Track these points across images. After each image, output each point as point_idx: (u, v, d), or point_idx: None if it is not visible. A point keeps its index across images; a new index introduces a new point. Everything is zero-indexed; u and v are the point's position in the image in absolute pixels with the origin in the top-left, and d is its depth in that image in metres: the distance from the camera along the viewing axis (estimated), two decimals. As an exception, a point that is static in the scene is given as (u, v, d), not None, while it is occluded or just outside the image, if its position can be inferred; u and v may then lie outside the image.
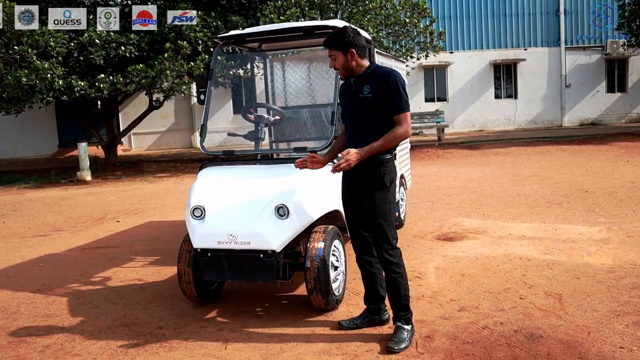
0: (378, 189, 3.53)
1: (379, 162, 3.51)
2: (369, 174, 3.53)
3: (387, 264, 3.57)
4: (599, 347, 3.34)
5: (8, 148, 22.03)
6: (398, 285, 3.57)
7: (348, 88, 3.67)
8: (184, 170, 15.75)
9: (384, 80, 3.46)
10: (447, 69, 23.51)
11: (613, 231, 6.09)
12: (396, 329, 3.59)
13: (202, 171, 4.48)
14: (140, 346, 3.76)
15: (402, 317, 3.60)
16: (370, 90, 3.49)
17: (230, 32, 5.06)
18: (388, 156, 3.54)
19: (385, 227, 3.54)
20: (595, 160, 12.54)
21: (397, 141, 3.47)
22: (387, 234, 3.54)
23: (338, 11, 14.71)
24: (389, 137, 3.42)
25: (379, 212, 3.53)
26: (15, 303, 4.84)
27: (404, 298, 3.60)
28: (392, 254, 3.56)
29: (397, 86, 3.44)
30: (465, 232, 6.46)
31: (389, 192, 3.55)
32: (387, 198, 3.55)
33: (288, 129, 6.37)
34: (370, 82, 3.51)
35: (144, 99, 19.17)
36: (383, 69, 3.56)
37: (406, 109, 3.47)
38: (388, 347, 3.46)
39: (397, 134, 3.43)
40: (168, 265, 5.75)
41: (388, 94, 3.44)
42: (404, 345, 3.47)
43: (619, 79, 24.24)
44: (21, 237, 7.69)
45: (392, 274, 3.57)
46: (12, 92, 12.63)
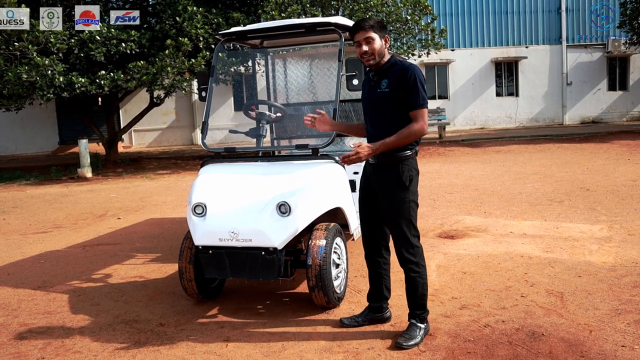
0: (396, 188, 3.45)
1: (397, 160, 3.43)
2: (387, 172, 3.47)
3: (406, 262, 3.54)
4: (601, 346, 3.34)
5: (8, 145, 22.03)
6: (416, 285, 3.55)
7: (368, 82, 3.62)
8: (184, 167, 15.75)
9: (402, 75, 3.38)
10: (449, 66, 23.49)
11: (614, 229, 6.08)
12: (409, 326, 3.58)
13: (203, 168, 4.47)
14: (141, 343, 3.75)
15: (417, 315, 3.59)
16: (387, 85, 3.41)
17: (231, 28, 5.04)
18: (408, 152, 3.45)
19: (404, 227, 3.48)
20: (596, 158, 12.52)
21: (411, 138, 3.37)
22: (407, 233, 3.49)
23: (339, 8, 14.69)
24: (403, 133, 3.34)
25: (397, 212, 3.47)
26: (16, 300, 4.83)
27: (421, 297, 3.57)
28: (411, 252, 3.52)
29: (415, 81, 3.35)
30: (466, 229, 6.45)
31: (408, 191, 3.46)
32: (406, 198, 3.46)
33: (289, 126, 6.36)
34: (388, 76, 3.44)
35: (145, 95, 19.18)
36: (402, 63, 3.46)
37: (423, 105, 3.39)
38: (397, 343, 3.45)
39: (412, 130, 3.35)
40: (169, 262, 5.75)
41: (405, 89, 3.36)
42: (413, 342, 3.45)
43: (620, 77, 24.22)
44: (22, 234, 7.68)
45: (411, 272, 3.54)
46: (13, 89, 12.61)
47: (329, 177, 4.25)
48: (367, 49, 3.42)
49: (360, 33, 3.42)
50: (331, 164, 4.31)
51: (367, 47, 3.42)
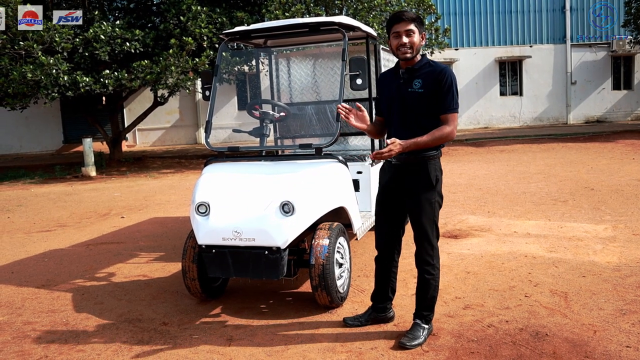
0: (424, 189, 3.43)
1: (425, 159, 3.41)
2: (415, 172, 3.43)
3: (423, 264, 3.52)
4: (605, 346, 3.33)
5: (13, 143, 22.10)
6: (429, 286, 3.54)
7: (392, 79, 3.54)
8: (188, 166, 15.76)
9: (438, 77, 3.34)
10: (452, 65, 23.44)
11: (619, 229, 6.06)
12: (413, 325, 3.57)
13: (207, 167, 4.47)
14: (145, 342, 3.76)
15: (424, 316, 3.58)
16: (421, 86, 3.37)
17: (235, 28, 5.04)
18: (434, 152, 3.43)
19: (427, 228, 3.46)
20: (600, 157, 12.48)
21: (442, 140, 3.34)
22: (429, 234, 3.47)
23: (343, 7, 14.68)
24: (435, 135, 3.30)
25: (422, 212, 3.44)
26: (19, 298, 4.85)
27: (431, 300, 3.57)
28: (430, 254, 3.50)
29: (450, 85, 3.33)
30: (470, 229, 6.44)
31: (435, 191, 3.45)
32: (432, 198, 3.44)
33: (293, 125, 6.36)
34: (422, 76, 3.39)
35: (149, 95, 19.21)
36: (437, 65, 3.42)
37: (456, 109, 3.38)
38: (401, 343, 3.45)
39: (444, 132, 3.32)
40: (172, 261, 5.76)
41: (440, 91, 3.33)
42: (416, 342, 3.45)
43: (625, 76, 24.12)
44: (26, 233, 7.70)
45: (426, 274, 3.53)
46: (18, 88, 12.65)
47: (332, 176, 4.25)
48: (407, 41, 3.35)
49: (402, 24, 3.36)
50: (335, 163, 4.30)
51: (408, 39, 3.36)
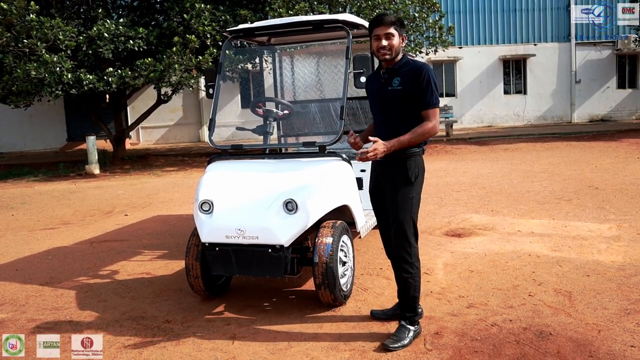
0: (401, 184, 3.48)
1: (405, 156, 3.46)
2: (394, 168, 3.50)
3: (400, 261, 3.52)
4: (610, 346, 3.31)
5: (17, 141, 22.16)
6: (408, 286, 3.52)
7: (376, 79, 3.64)
8: (192, 164, 15.77)
9: (416, 75, 3.41)
10: (456, 64, 23.40)
11: (623, 228, 6.03)
12: (399, 327, 3.55)
13: (210, 165, 4.47)
14: (148, 340, 3.76)
15: (407, 317, 3.55)
16: (400, 83, 3.45)
17: (239, 26, 5.04)
18: (415, 150, 3.49)
19: (404, 224, 3.47)
20: (605, 156, 12.44)
21: (425, 137, 3.41)
22: (406, 231, 3.47)
23: (347, 5, 14.65)
24: (417, 132, 3.37)
25: (399, 208, 3.47)
26: (23, 296, 4.86)
27: (412, 300, 3.54)
28: (408, 251, 3.49)
29: (428, 81, 3.39)
30: (473, 228, 6.42)
31: (412, 188, 3.49)
32: (409, 194, 3.48)
33: (297, 123, 6.36)
34: (400, 74, 3.47)
35: (152, 92, 19.22)
36: (415, 63, 3.50)
37: (436, 105, 3.43)
38: (384, 344, 3.43)
39: (425, 129, 3.39)
40: (176, 259, 5.76)
41: (419, 88, 3.40)
42: (400, 344, 3.42)
43: (629, 74, 24.04)
44: (30, 230, 7.72)
45: (404, 273, 3.51)
46: (22, 86, 12.68)
47: (336, 174, 4.24)
48: (386, 43, 3.44)
49: (382, 27, 3.45)
50: (338, 161, 4.29)
51: (387, 42, 3.44)
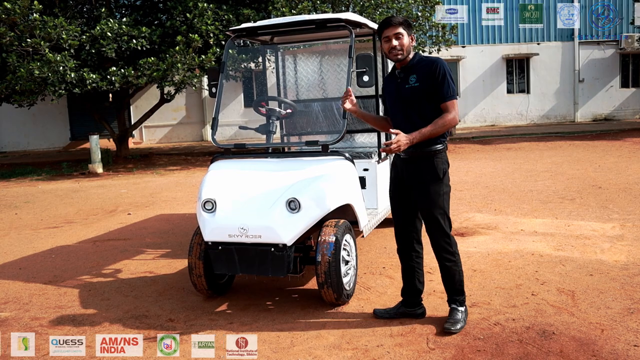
0: (431, 182, 3.56)
1: (431, 154, 3.54)
2: (422, 166, 3.56)
3: (442, 252, 3.66)
4: (613, 345, 3.31)
5: (21, 140, 22.21)
6: (452, 273, 3.67)
7: (392, 79, 3.71)
8: (195, 163, 15.79)
9: (430, 69, 3.49)
10: (459, 63, 23.36)
11: (627, 228, 6.02)
12: (451, 311, 3.70)
13: (213, 164, 4.47)
14: (151, 338, 3.76)
15: (457, 300, 3.70)
16: (416, 80, 3.52)
17: (242, 25, 5.04)
18: (440, 146, 3.56)
19: (440, 220, 3.60)
20: (608, 156, 12.41)
21: (446, 127, 3.47)
22: (442, 224, 3.61)
23: (350, 4, 14.65)
24: (438, 123, 3.43)
25: (433, 204, 3.58)
26: (27, 294, 4.87)
27: (459, 283, 3.71)
28: (447, 242, 3.64)
29: (444, 74, 3.47)
30: (476, 227, 6.42)
31: (442, 183, 3.58)
32: (441, 190, 3.59)
33: (299, 122, 6.36)
34: (416, 71, 3.54)
35: (155, 92, 19.24)
36: (428, 58, 3.58)
37: (454, 96, 3.50)
38: (445, 328, 3.57)
39: (445, 120, 3.45)
40: (179, 258, 5.77)
41: (435, 82, 3.47)
42: (459, 325, 3.59)
43: (633, 73, 23.95)
44: (33, 229, 7.74)
45: (447, 262, 3.66)
46: (25, 85, 12.71)
47: (338, 173, 4.24)
48: (397, 43, 3.53)
49: (390, 29, 3.54)
50: (341, 160, 4.29)
51: (397, 42, 3.53)
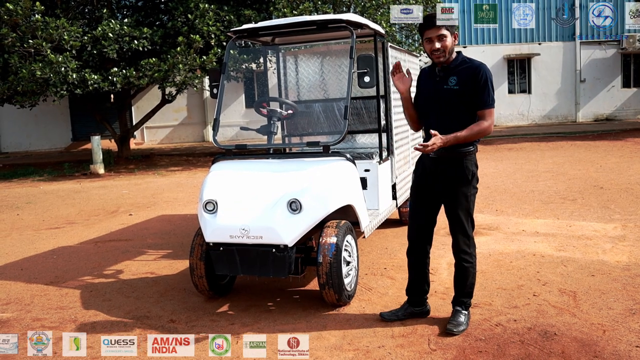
0: (460, 183, 3.55)
1: (462, 155, 3.51)
2: (452, 167, 3.54)
3: (461, 253, 3.66)
4: (615, 346, 3.30)
5: (22, 141, 22.25)
6: (468, 274, 3.68)
7: (430, 77, 3.63)
8: (196, 164, 15.79)
9: (473, 74, 3.42)
10: (460, 63, 23.31)
11: (628, 228, 6.01)
12: (455, 313, 3.70)
13: (214, 165, 4.48)
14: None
15: (463, 302, 3.70)
16: (457, 82, 3.45)
17: (243, 26, 5.05)
18: (471, 148, 3.53)
19: (463, 220, 3.60)
20: (610, 156, 12.39)
21: (480, 135, 3.45)
22: (465, 225, 3.62)
23: (351, 5, 14.65)
24: (474, 130, 3.40)
25: (459, 204, 3.58)
26: (29, 295, 4.88)
27: (470, 286, 3.71)
28: (467, 243, 3.65)
29: (486, 81, 3.41)
30: (478, 228, 6.40)
31: (470, 185, 3.57)
32: (469, 192, 3.58)
33: (301, 123, 6.36)
34: (457, 73, 3.47)
35: (157, 92, 19.25)
36: (472, 62, 3.50)
37: (492, 105, 3.45)
38: (447, 329, 3.57)
39: (482, 127, 3.41)
40: (180, 258, 5.77)
41: (476, 88, 3.41)
42: (462, 328, 3.59)
43: (635, 73, 23.91)
44: (35, 230, 7.75)
45: (464, 262, 3.66)
46: (27, 86, 12.73)
47: (340, 174, 4.24)
48: (440, 46, 3.44)
49: (433, 30, 3.46)
50: (342, 161, 4.29)
51: (440, 43, 3.44)
